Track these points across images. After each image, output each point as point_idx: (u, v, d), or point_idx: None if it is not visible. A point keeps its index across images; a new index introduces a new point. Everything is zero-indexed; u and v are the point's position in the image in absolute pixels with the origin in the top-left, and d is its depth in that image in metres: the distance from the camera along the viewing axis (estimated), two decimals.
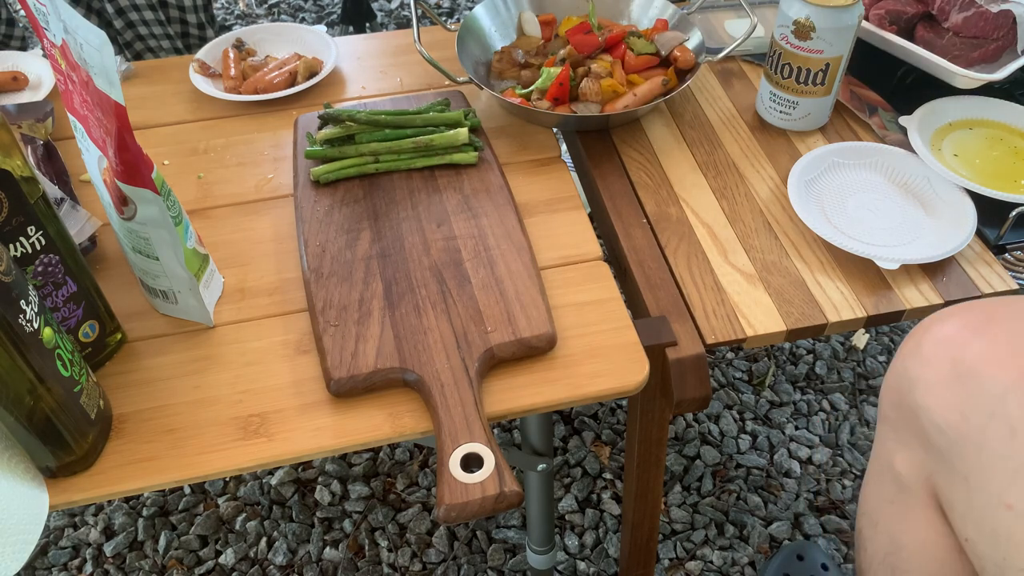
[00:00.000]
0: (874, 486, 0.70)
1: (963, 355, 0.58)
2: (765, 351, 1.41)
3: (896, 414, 0.64)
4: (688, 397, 0.74)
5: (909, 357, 0.62)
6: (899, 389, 0.63)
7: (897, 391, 0.64)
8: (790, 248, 0.83)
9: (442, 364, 0.69)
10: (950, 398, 0.58)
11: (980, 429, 0.56)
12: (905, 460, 0.64)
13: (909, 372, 0.62)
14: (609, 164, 0.92)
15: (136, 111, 1.00)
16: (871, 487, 0.71)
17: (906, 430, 0.63)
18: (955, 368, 0.58)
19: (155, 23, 1.44)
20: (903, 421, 0.64)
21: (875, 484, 0.70)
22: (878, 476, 0.69)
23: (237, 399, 0.70)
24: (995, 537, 0.56)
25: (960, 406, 0.58)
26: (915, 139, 0.89)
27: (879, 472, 0.69)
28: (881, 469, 0.68)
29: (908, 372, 0.62)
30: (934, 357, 0.60)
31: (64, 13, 0.59)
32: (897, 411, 0.64)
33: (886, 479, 0.67)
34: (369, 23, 2.12)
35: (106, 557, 1.18)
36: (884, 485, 0.68)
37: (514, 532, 1.18)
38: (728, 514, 1.20)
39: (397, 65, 1.08)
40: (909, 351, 0.63)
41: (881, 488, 0.68)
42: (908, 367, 0.62)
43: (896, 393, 0.64)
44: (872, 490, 0.71)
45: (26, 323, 0.57)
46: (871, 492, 0.71)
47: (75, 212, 0.79)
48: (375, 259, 0.78)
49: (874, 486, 0.70)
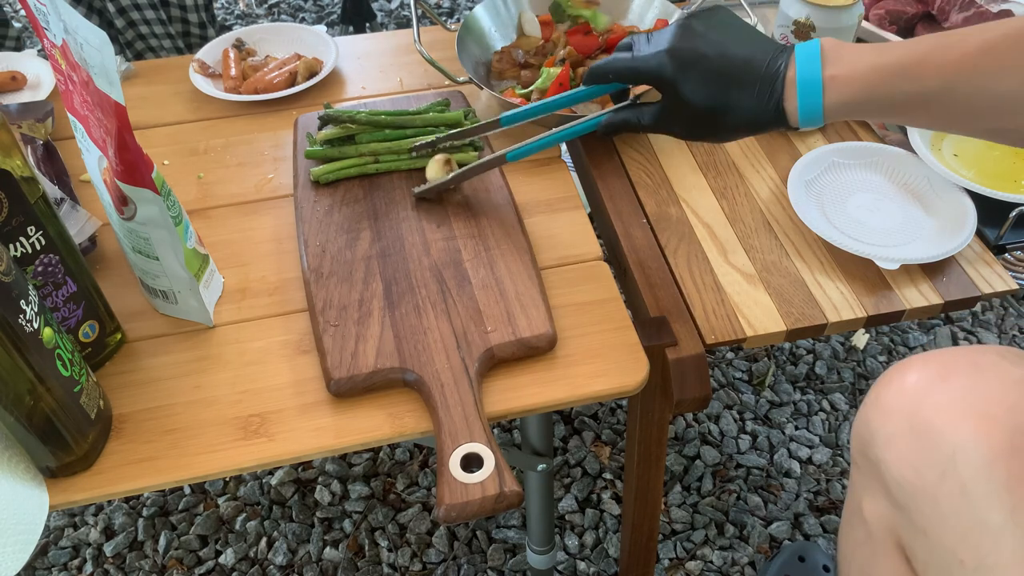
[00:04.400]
0: (847, 527, 0.71)
1: (919, 410, 0.58)
2: (765, 351, 1.41)
3: (863, 461, 0.65)
4: (688, 397, 0.73)
5: (871, 408, 0.62)
6: (863, 439, 0.63)
7: (862, 440, 0.64)
8: (790, 248, 0.83)
9: (442, 364, 0.69)
10: (906, 453, 0.58)
11: (934, 485, 0.56)
12: (871, 508, 0.65)
13: (870, 424, 0.62)
14: (609, 164, 0.92)
15: (136, 111, 1.00)
16: (845, 528, 0.71)
17: (872, 479, 0.64)
18: (911, 423, 0.58)
19: (156, 22, 1.44)
20: (868, 470, 0.64)
21: (848, 526, 0.70)
22: (851, 518, 0.69)
23: (237, 399, 0.70)
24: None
25: (915, 462, 0.57)
26: (915, 139, 0.89)
27: (851, 514, 0.69)
28: (853, 511, 0.68)
29: (869, 424, 0.62)
30: (893, 411, 0.60)
31: (64, 13, 0.59)
32: (863, 459, 0.64)
33: (857, 523, 0.67)
34: (369, 23, 2.12)
35: (106, 557, 1.18)
36: (856, 529, 0.68)
37: (514, 532, 1.18)
38: (728, 514, 1.20)
39: (397, 65, 1.09)
40: (871, 402, 0.63)
41: (853, 531, 0.69)
42: (870, 419, 0.62)
43: (861, 442, 0.64)
44: (846, 531, 0.71)
45: (26, 323, 0.57)
46: (845, 533, 0.71)
47: (75, 212, 0.79)
48: (375, 259, 0.78)
49: (847, 527, 0.71)
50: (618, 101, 0.75)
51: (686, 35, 0.67)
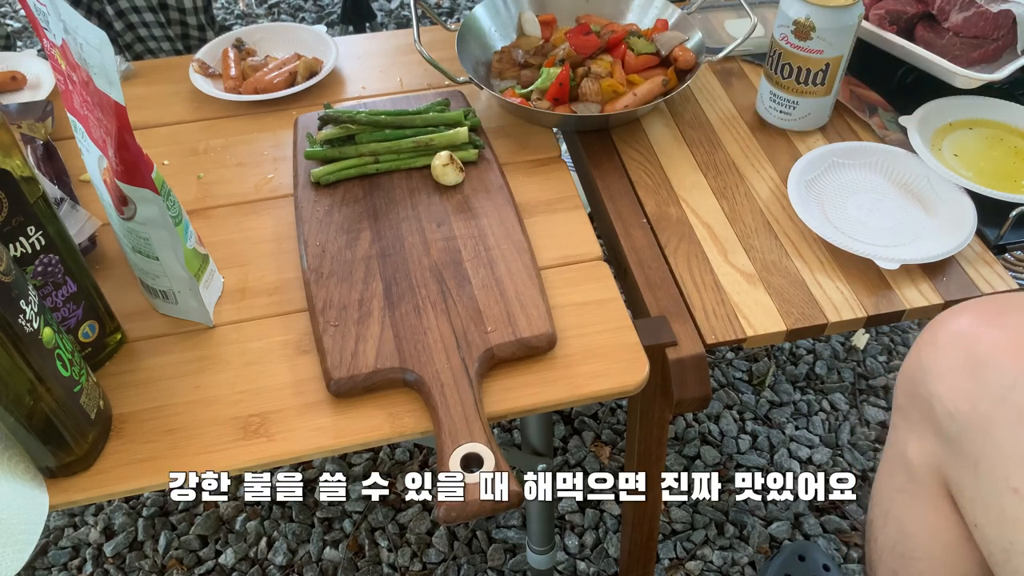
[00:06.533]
0: (886, 477, 0.72)
1: (976, 345, 0.60)
2: (765, 351, 1.41)
3: (910, 403, 0.66)
4: (688, 397, 0.74)
5: (924, 347, 0.64)
6: (913, 379, 0.65)
7: (911, 380, 0.65)
8: (790, 248, 0.83)
9: (442, 364, 0.69)
10: (962, 386, 0.60)
11: (989, 415, 0.58)
12: (917, 449, 0.66)
13: (923, 362, 0.64)
14: (609, 164, 0.92)
15: (136, 111, 0.99)
16: (883, 478, 0.72)
17: (919, 419, 0.65)
18: (968, 357, 0.60)
19: (155, 25, 1.44)
20: (916, 410, 0.65)
21: (887, 474, 0.71)
22: (891, 466, 0.70)
23: (237, 399, 0.70)
24: (1002, 521, 0.58)
25: (971, 393, 0.59)
26: (915, 139, 0.89)
27: (892, 461, 0.70)
28: (894, 458, 0.69)
29: (923, 362, 0.64)
30: (948, 347, 0.62)
31: (64, 13, 0.59)
32: (911, 400, 0.66)
33: (898, 468, 0.68)
34: (369, 23, 2.12)
35: (106, 557, 1.17)
36: (896, 475, 0.69)
37: (514, 532, 1.18)
38: (728, 514, 1.20)
39: (397, 65, 1.08)
40: (925, 342, 0.64)
41: (893, 478, 0.70)
42: (923, 357, 0.64)
43: (910, 382, 0.65)
44: (884, 481, 0.72)
45: (26, 323, 0.57)
46: (883, 483, 0.72)
47: (75, 212, 0.79)
48: (375, 259, 0.78)
49: (886, 477, 0.72)
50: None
51: None
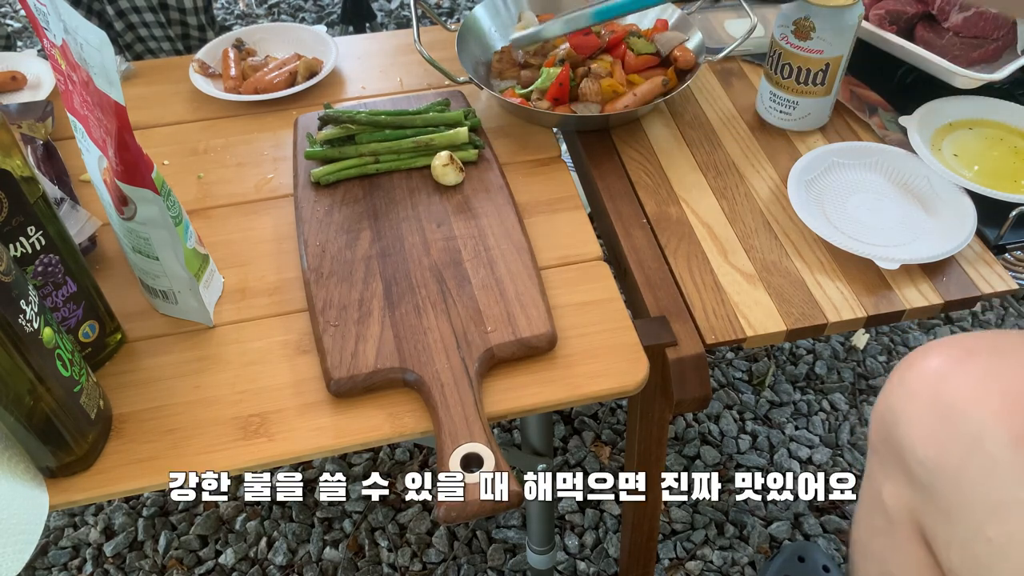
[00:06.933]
0: (864, 517, 0.71)
1: (944, 390, 0.59)
2: (765, 351, 1.41)
3: (883, 447, 0.65)
4: (688, 397, 0.73)
5: (894, 391, 0.63)
6: (884, 422, 0.64)
7: (883, 424, 0.64)
8: (790, 248, 0.83)
9: (442, 364, 0.69)
10: (931, 433, 0.59)
11: (959, 465, 0.57)
12: (892, 493, 0.65)
13: (893, 407, 0.63)
14: (609, 164, 0.92)
15: (136, 111, 1.00)
16: (862, 518, 0.72)
17: (892, 463, 0.64)
18: (936, 404, 0.59)
19: (155, 25, 1.44)
20: (889, 454, 0.64)
21: (865, 515, 0.70)
22: (868, 507, 0.69)
23: (237, 399, 0.70)
24: (977, 568, 0.57)
25: (940, 442, 0.58)
26: (915, 139, 0.89)
27: (869, 503, 0.69)
28: (871, 499, 0.69)
29: (892, 407, 0.63)
30: (917, 393, 0.61)
31: (64, 13, 0.59)
32: (884, 444, 0.65)
33: (876, 510, 0.68)
34: (369, 23, 2.12)
35: (106, 557, 1.17)
36: (874, 517, 0.68)
37: (514, 532, 1.18)
38: (728, 514, 1.20)
39: (397, 65, 1.09)
40: (894, 385, 0.63)
41: (871, 520, 0.69)
42: (893, 401, 0.63)
43: (882, 426, 0.64)
44: (863, 521, 0.71)
45: (26, 323, 0.57)
46: (862, 523, 0.71)
47: (75, 212, 0.79)
48: (375, 259, 0.78)
49: (864, 517, 0.71)
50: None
51: None
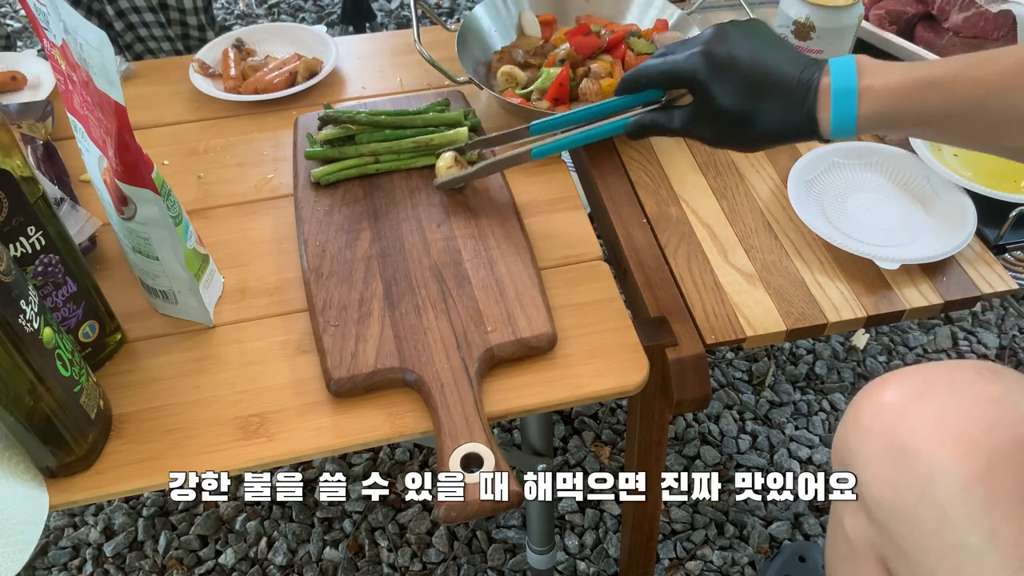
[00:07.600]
0: (831, 542, 0.71)
1: (896, 430, 0.58)
2: (765, 351, 1.41)
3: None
4: (688, 397, 0.73)
5: (850, 427, 0.62)
6: (842, 458, 0.63)
7: (839, 459, 0.63)
8: (790, 248, 0.83)
9: (442, 364, 0.69)
10: (884, 474, 0.58)
11: (912, 507, 0.56)
12: (852, 525, 0.65)
13: (849, 444, 0.62)
14: (609, 164, 0.92)
15: (136, 111, 0.99)
16: (830, 543, 0.71)
17: None
18: (890, 444, 0.58)
19: (155, 25, 1.44)
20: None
21: (832, 541, 0.70)
22: (834, 534, 0.69)
23: (237, 399, 0.70)
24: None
25: (893, 482, 0.57)
26: (915, 139, 0.89)
27: (835, 530, 0.69)
28: (836, 527, 0.68)
29: (848, 443, 0.62)
30: (871, 430, 0.60)
31: (64, 13, 0.59)
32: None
33: (840, 538, 0.67)
34: (369, 23, 2.12)
35: (106, 557, 1.17)
36: (839, 543, 0.68)
37: (514, 532, 1.18)
38: (728, 514, 1.20)
39: (397, 65, 1.09)
40: (850, 421, 0.62)
41: (837, 546, 0.69)
42: (849, 437, 0.62)
43: (839, 461, 0.64)
44: (831, 546, 0.71)
45: (26, 323, 0.57)
46: (830, 547, 0.71)
47: (75, 212, 0.79)
48: (375, 259, 0.78)
49: (831, 542, 0.71)
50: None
51: (721, 38, 0.67)
